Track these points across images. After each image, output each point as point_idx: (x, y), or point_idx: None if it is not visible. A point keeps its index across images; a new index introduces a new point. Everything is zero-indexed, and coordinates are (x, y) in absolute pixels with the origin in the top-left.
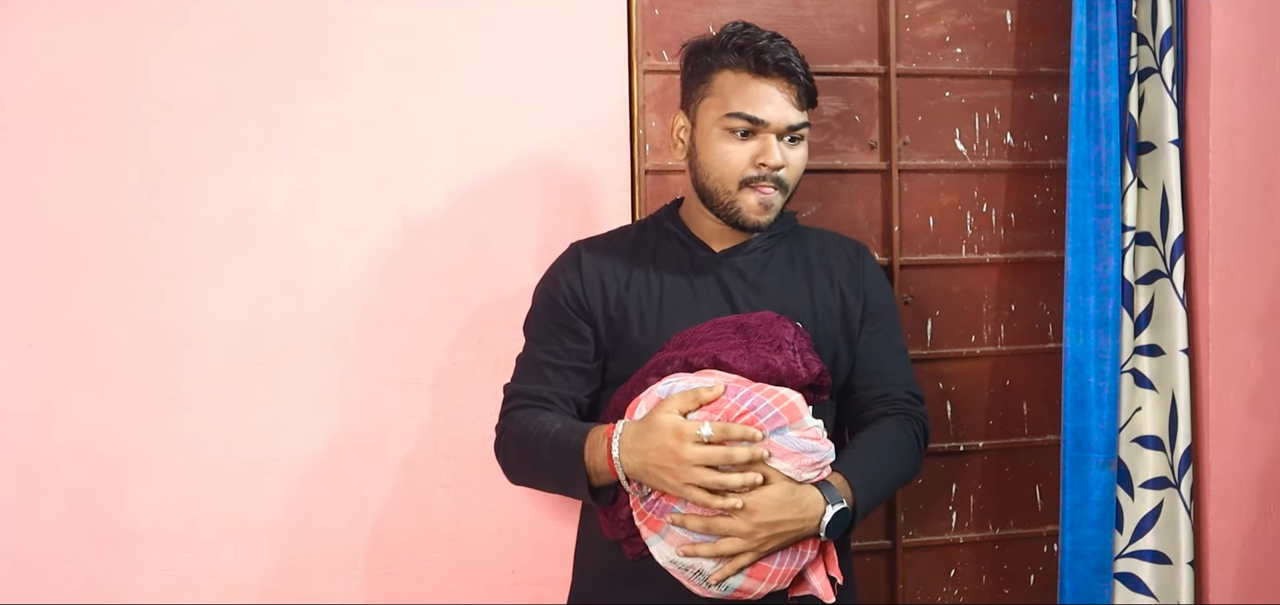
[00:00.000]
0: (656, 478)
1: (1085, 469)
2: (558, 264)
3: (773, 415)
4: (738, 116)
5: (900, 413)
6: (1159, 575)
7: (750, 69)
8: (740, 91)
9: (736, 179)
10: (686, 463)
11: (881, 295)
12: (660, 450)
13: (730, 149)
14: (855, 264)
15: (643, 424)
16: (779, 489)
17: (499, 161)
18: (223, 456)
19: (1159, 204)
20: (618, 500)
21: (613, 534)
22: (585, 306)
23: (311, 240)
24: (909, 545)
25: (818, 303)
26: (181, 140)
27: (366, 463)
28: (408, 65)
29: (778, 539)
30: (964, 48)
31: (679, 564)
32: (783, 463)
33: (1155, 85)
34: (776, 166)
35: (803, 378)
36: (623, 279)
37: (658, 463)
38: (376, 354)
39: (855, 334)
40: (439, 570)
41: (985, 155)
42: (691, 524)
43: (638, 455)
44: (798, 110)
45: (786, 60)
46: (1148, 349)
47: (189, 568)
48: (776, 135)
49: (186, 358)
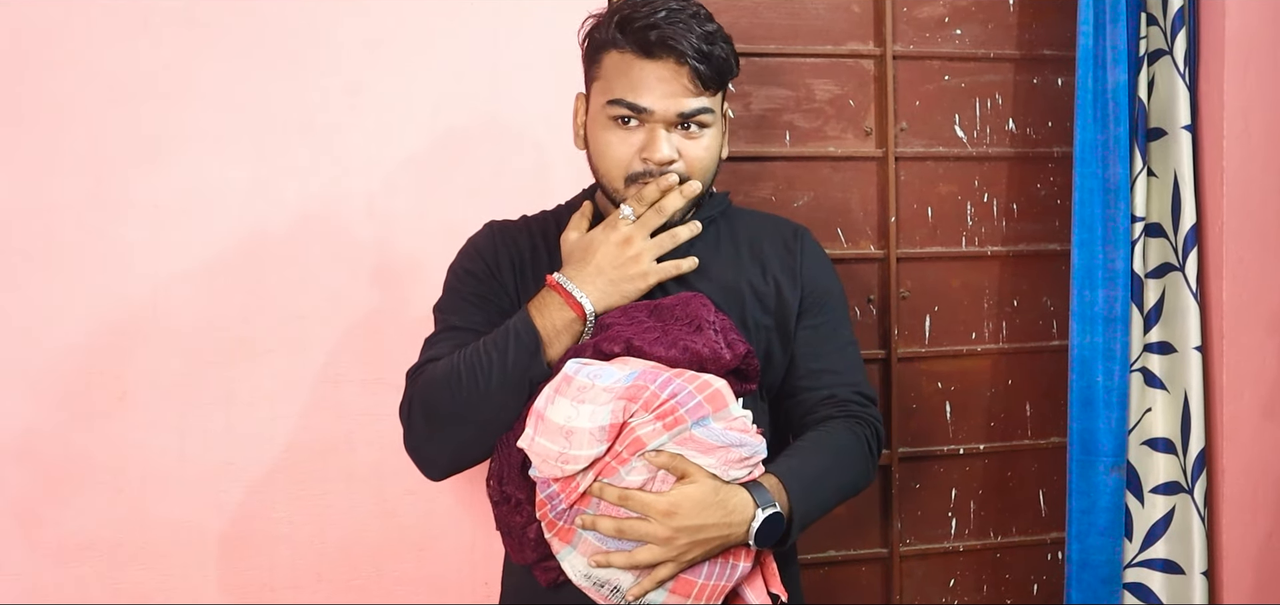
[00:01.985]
0: (631, 283)
1: (1092, 473)
2: (472, 242)
3: (695, 404)
4: (618, 103)
5: (848, 415)
6: (1171, 585)
7: (635, 49)
8: (623, 75)
9: (622, 173)
10: (635, 238)
11: (822, 283)
12: (608, 252)
13: (615, 140)
14: (791, 249)
15: (578, 254)
16: (701, 488)
17: (471, 148)
18: (175, 462)
19: (1170, 193)
20: (524, 514)
21: (521, 558)
22: (502, 283)
23: (271, 230)
24: (907, 553)
25: (746, 290)
26: (129, 123)
27: (330, 468)
28: (374, 45)
29: (701, 546)
30: (964, 29)
31: (593, 579)
32: (706, 458)
33: (1166, 67)
34: (664, 161)
35: (727, 361)
36: (534, 267)
37: (616, 264)
38: (340, 352)
39: (792, 328)
40: (407, 582)
41: (986, 142)
42: (603, 527)
43: (601, 279)
44: (692, 94)
45: (672, 38)
46: (1158, 346)
47: (139, 580)
48: (665, 125)
49: (136, 356)
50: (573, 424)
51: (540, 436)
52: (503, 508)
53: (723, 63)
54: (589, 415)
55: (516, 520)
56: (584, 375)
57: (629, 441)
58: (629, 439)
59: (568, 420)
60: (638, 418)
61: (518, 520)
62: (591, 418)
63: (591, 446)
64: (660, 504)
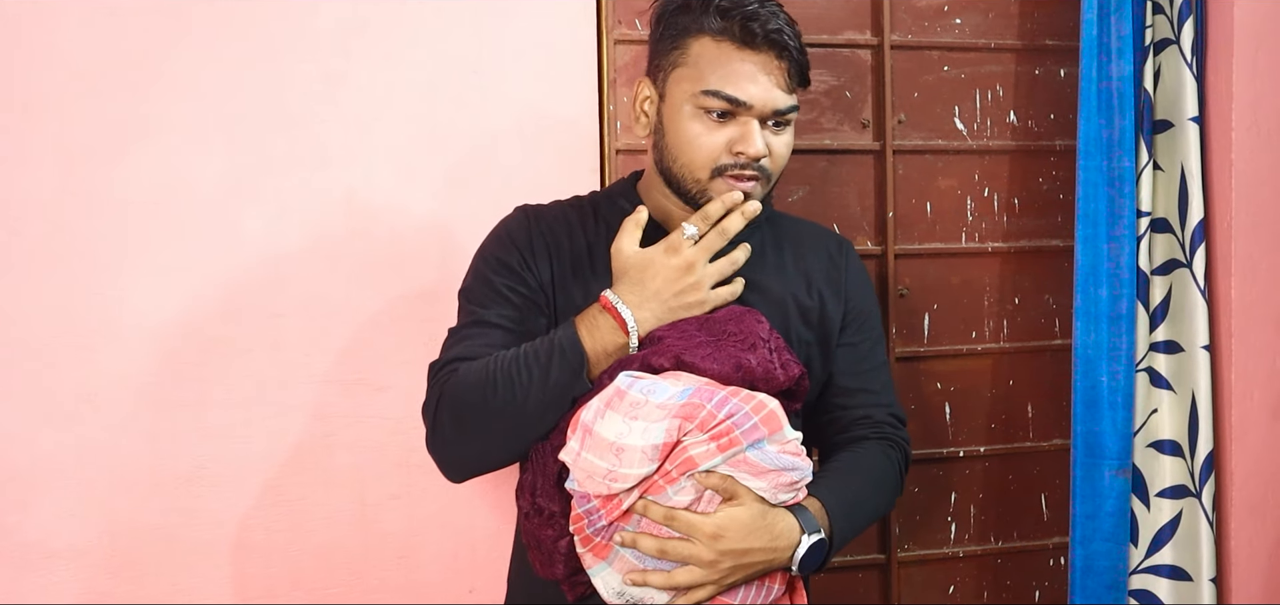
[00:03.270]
0: (685, 307)
1: (1097, 476)
2: (504, 224)
3: (751, 425)
4: (715, 95)
5: (883, 437)
6: (1178, 592)
7: (734, 39)
8: (720, 65)
9: (708, 166)
10: (697, 263)
11: (865, 301)
12: (668, 277)
13: (702, 132)
14: (837, 262)
15: (634, 273)
16: (749, 511)
17: (454, 140)
18: (146, 467)
19: (1177, 187)
20: (557, 528)
21: (549, 572)
22: (537, 271)
23: (246, 226)
24: (905, 559)
25: (791, 304)
26: (97, 114)
27: (308, 472)
28: (354, 33)
29: (743, 570)
30: (964, 18)
31: (628, 597)
32: (756, 481)
33: (1172, 57)
34: (757, 156)
35: (780, 381)
36: (572, 254)
37: (675, 290)
38: (319, 352)
39: (833, 343)
40: (388, 590)
41: (987, 135)
42: (644, 546)
43: (654, 302)
44: (786, 92)
45: (779, 31)
46: (1165, 345)
47: (107, 589)
48: (759, 120)
49: (105, 356)
50: (624, 441)
51: (587, 453)
52: (534, 520)
53: (807, 63)
54: (642, 432)
55: (548, 534)
56: (637, 390)
57: (680, 461)
58: (680, 458)
59: (619, 437)
60: (691, 437)
61: (549, 534)
62: (644, 435)
63: (643, 465)
64: (707, 526)
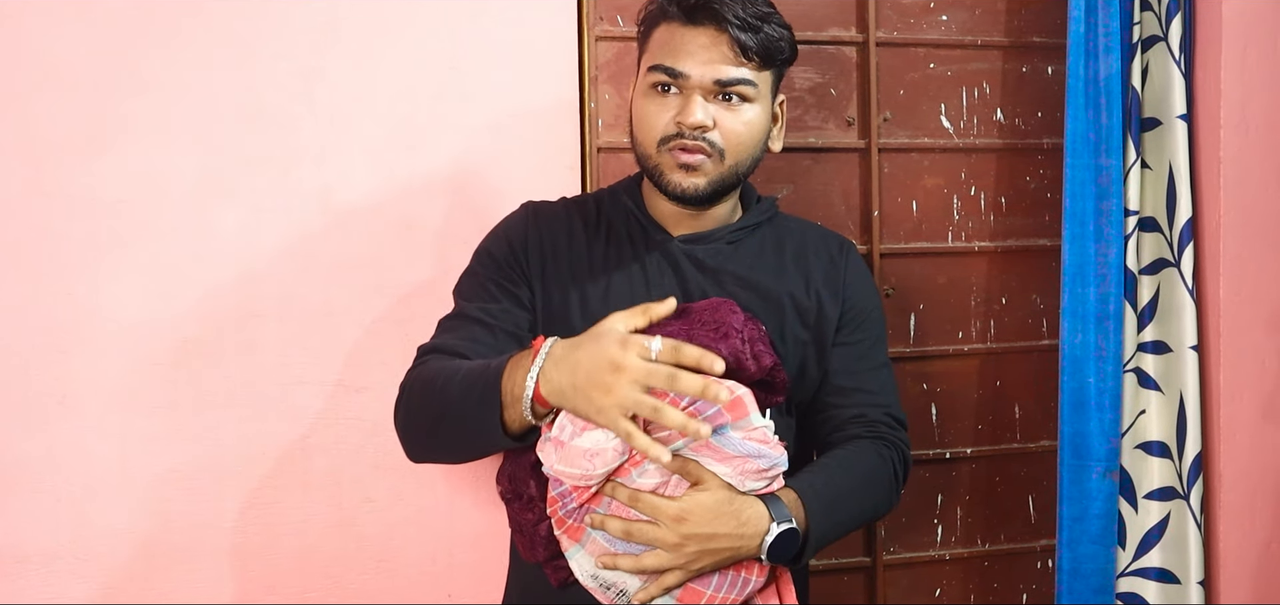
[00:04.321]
0: (585, 396)
1: (1084, 478)
2: (505, 222)
3: (714, 411)
4: (657, 69)
5: (877, 437)
6: (1166, 594)
7: (679, 18)
8: (666, 43)
9: (655, 139)
10: (626, 373)
11: (865, 301)
12: (597, 361)
13: (653, 109)
14: (836, 263)
15: (582, 336)
16: (714, 496)
17: (432, 137)
18: (117, 469)
19: (1165, 186)
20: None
21: (532, 555)
22: (526, 271)
23: (220, 225)
24: (890, 562)
25: (788, 303)
26: (69, 112)
27: (283, 475)
28: (329, 29)
29: (710, 557)
30: (950, 15)
31: (600, 580)
32: (721, 466)
33: (1161, 54)
34: (696, 126)
35: (751, 372)
36: (570, 256)
37: (591, 375)
38: (294, 353)
39: (829, 343)
40: (365, 594)
41: (973, 133)
42: (611, 528)
43: (567, 369)
44: (732, 63)
45: (715, 3)
46: (1153, 346)
47: (78, 594)
48: (702, 93)
49: (75, 357)
50: (600, 446)
51: (561, 464)
52: (515, 505)
53: (771, 41)
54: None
55: (529, 517)
56: None
57: None
58: None
59: (595, 445)
60: None
61: (530, 517)
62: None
63: (615, 460)
64: (671, 509)
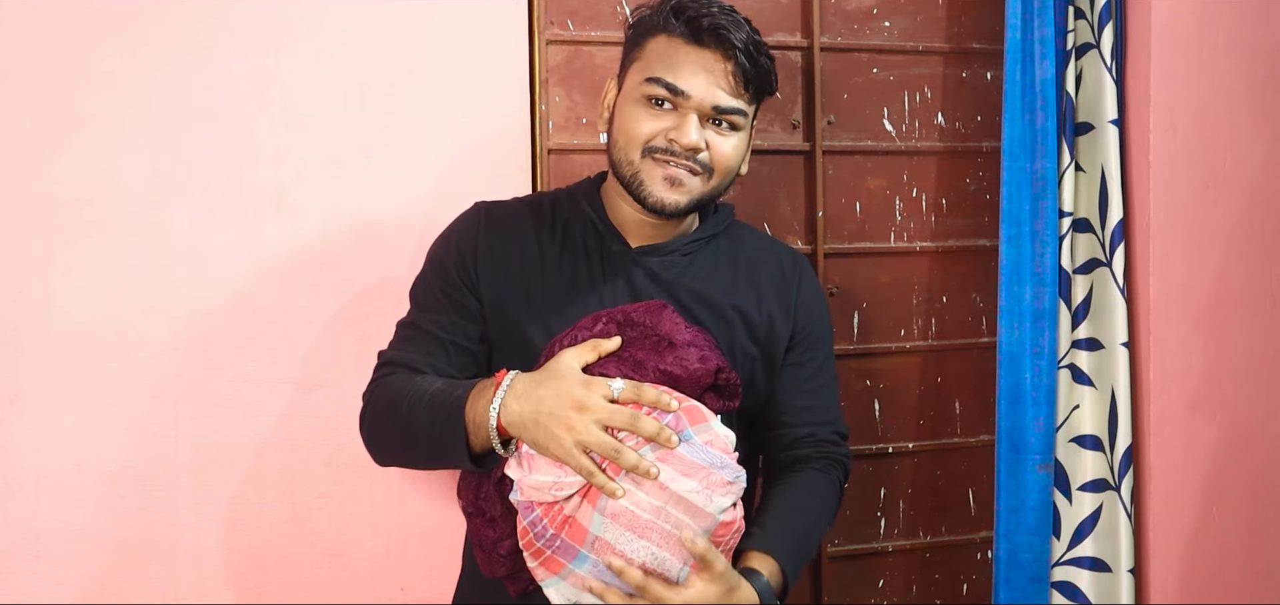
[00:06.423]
0: (546, 432)
1: (1021, 471)
2: (456, 225)
3: (670, 418)
4: (657, 82)
5: (826, 457)
6: (1098, 583)
7: (684, 35)
8: (668, 57)
9: (640, 145)
10: (589, 412)
11: (816, 321)
12: (560, 397)
13: (644, 116)
14: (789, 280)
15: (543, 371)
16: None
17: (385, 137)
18: (71, 465)
19: (1098, 188)
20: (498, 530)
21: (491, 571)
22: (474, 282)
23: (173, 223)
24: (834, 554)
25: (738, 321)
26: (21, 111)
27: (236, 471)
28: (283, 29)
29: None
30: (892, 21)
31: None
32: (687, 480)
33: (1093, 61)
34: (691, 147)
35: (703, 382)
36: (522, 262)
37: (553, 411)
38: (247, 350)
39: (779, 361)
40: (319, 589)
41: (915, 136)
42: (611, 600)
43: (530, 403)
44: (730, 92)
45: (725, 29)
46: (1086, 343)
47: (32, 589)
48: (699, 114)
49: (28, 355)
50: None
51: (533, 476)
52: (476, 521)
53: (765, 72)
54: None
55: (490, 535)
56: None
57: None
58: None
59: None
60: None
61: (491, 535)
62: None
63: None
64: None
